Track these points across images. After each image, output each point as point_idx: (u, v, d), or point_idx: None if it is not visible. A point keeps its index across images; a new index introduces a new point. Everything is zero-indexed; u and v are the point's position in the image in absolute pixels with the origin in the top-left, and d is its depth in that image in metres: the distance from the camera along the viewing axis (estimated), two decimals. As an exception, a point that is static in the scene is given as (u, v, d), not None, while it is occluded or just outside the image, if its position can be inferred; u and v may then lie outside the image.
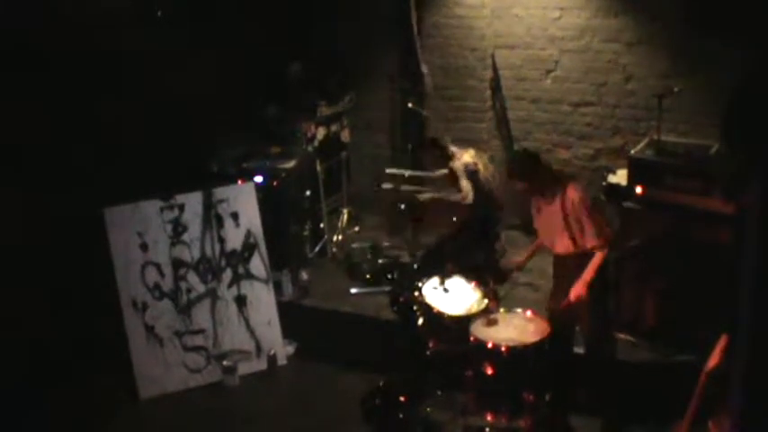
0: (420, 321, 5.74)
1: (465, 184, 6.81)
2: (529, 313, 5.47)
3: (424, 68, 8.15)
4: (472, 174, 6.86)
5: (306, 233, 7.47)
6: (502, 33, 7.81)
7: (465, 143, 7.38)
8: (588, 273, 5.12)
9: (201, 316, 6.52)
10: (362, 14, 8.29)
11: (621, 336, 5.87)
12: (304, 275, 7.09)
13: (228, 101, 7.48)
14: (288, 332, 6.69)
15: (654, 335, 5.86)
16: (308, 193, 7.49)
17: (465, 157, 6.93)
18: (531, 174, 5.28)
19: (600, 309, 5.29)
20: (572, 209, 5.12)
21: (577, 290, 5.12)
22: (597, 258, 5.12)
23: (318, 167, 7.67)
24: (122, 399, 6.20)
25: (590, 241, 5.11)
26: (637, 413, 5.34)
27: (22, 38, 6.11)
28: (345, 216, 8.16)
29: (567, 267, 5.25)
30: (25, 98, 6.15)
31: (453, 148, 7.01)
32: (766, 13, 5.76)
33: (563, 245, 5.25)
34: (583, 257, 5.16)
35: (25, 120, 6.19)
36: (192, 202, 6.56)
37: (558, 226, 5.20)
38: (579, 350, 5.52)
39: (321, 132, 7.96)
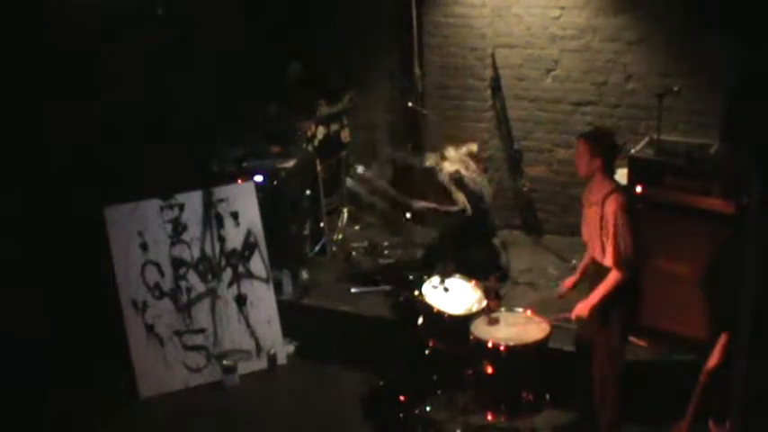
0: (420, 321, 5.75)
1: (459, 196, 6.88)
2: (529, 312, 5.46)
3: (417, 70, 8.16)
4: (459, 180, 6.92)
5: (306, 232, 7.46)
6: (502, 32, 7.79)
7: (460, 142, 7.41)
8: (595, 295, 4.97)
9: (201, 315, 6.52)
10: (362, 14, 8.29)
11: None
12: (304, 275, 7.09)
13: (228, 100, 7.48)
14: (288, 331, 6.70)
15: (654, 334, 5.86)
16: (308, 192, 7.48)
17: (446, 166, 7.02)
18: (601, 148, 4.99)
19: (620, 328, 5.09)
20: (605, 219, 4.93)
21: (579, 309, 5.02)
22: (609, 280, 4.91)
23: (318, 167, 7.67)
24: (122, 398, 6.20)
25: (609, 259, 4.93)
26: (637, 412, 5.33)
27: (18, 36, 6.12)
28: (345, 215, 8.15)
29: (600, 275, 5.05)
30: (25, 98, 6.15)
31: (433, 161, 7.13)
32: (766, 13, 5.76)
33: (597, 251, 5.08)
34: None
35: (24, 119, 6.19)
36: (192, 201, 6.56)
37: (596, 230, 5.04)
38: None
39: (321, 132, 7.96)
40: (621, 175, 6.19)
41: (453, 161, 7.07)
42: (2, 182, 6.12)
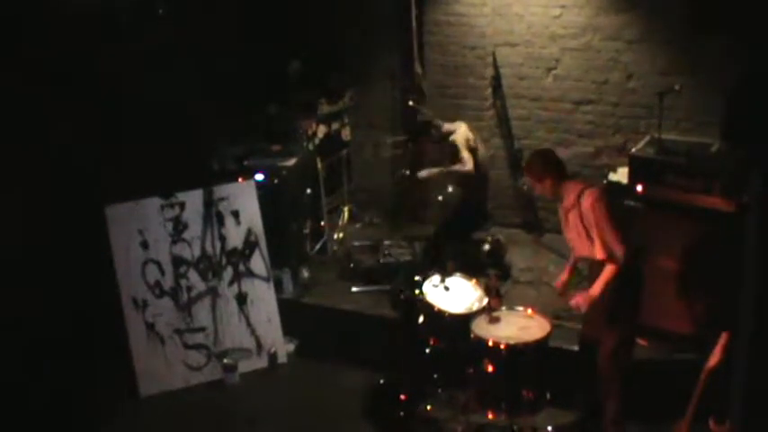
0: (421, 319, 5.74)
1: (467, 154, 6.91)
2: (530, 311, 5.46)
3: (418, 68, 8.16)
4: (472, 149, 6.98)
5: (306, 231, 7.47)
6: (503, 31, 7.79)
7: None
8: (594, 288, 5.01)
9: (202, 314, 6.53)
10: (362, 12, 8.28)
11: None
12: (305, 273, 7.09)
13: (229, 99, 7.47)
14: (288, 330, 6.70)
15: (655, 333, 5.86)
16: (308, 190, 7.49)
17: (463, 129, 7.08)
18: (542, 170, 5.16)
19: (625, 328, 5.14)
20: (585, 216, 4.99)
21: (578, 299, 5.08)
22: (607, 272, 4.95)
23: (319, 165, 7.67)
24: (123, 397, 6.21)
25: (599, 253, 4.98)
26: (638, 411, 5.33)
27: (18, 35, 6.11)
28: (346, 214, 8.15)
29: (598, 271, 5.06)
30: (25, 98, 6.15)
31: (447, 125, 7.15)
32: (766, 13, 5.75)
33: (585, 251, 5.13)
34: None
35: (24, 119, 6.19)
36: (193, 200, 6.57)
37: (580, 232, 5.09)
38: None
39: (322, 130, 7.97)
40: (622, 174, 6.20)
41: (470, 131, 7.17)
42: (2, 182, 6.12)
